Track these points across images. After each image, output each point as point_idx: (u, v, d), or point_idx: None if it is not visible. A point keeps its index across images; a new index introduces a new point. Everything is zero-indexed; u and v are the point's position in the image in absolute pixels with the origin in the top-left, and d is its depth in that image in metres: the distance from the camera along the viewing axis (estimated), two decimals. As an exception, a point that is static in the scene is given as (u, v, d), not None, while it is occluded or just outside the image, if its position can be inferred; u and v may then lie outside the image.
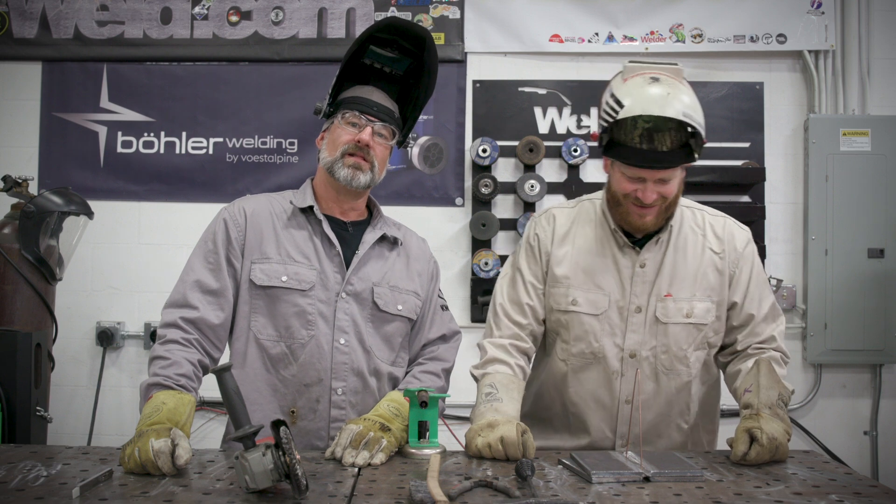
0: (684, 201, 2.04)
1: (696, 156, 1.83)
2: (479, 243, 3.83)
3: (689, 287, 1.97)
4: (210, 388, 1.89)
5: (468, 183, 3.90)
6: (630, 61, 1.92)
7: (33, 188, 3.55)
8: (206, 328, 1.88)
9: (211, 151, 3.96)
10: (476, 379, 1.98)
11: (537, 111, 3.92)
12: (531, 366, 2.15)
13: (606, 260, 1.99)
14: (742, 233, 2.04)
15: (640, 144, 1.80)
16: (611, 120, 1.83)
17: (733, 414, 2.15)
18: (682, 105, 1.77)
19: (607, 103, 1.85)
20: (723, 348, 2.05)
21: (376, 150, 1.94)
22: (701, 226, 2.03)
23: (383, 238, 2.02)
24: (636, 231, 1.96)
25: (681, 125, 1.78)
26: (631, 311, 1.96)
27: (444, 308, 2.13)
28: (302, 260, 1.92)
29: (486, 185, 3.78)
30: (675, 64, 1.88)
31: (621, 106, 1.80)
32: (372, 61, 2.00)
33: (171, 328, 1.85)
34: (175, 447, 1.53)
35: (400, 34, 1.97)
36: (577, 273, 2.00)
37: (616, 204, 1.93)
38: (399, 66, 2.03)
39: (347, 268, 1.94)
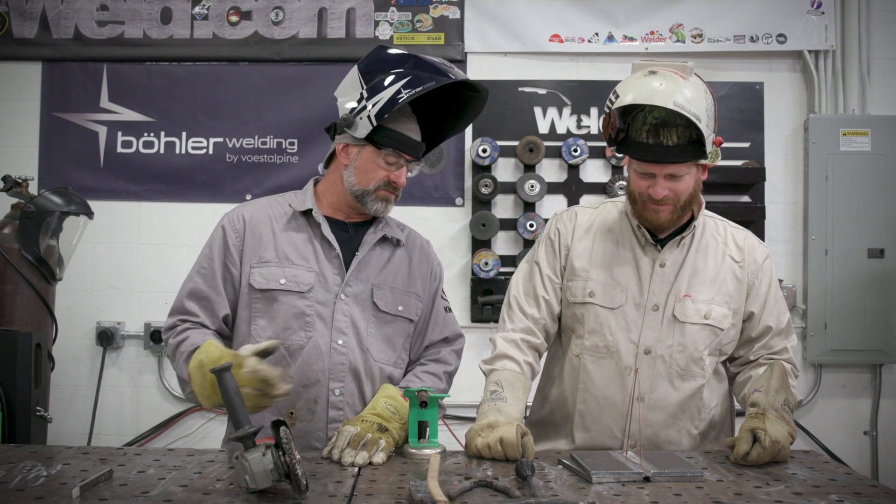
0: (706, 212, 2.06)
1: (707, 152, 1.84)
2: (479, 243, 3.83)
3: (707, 290, 1.98)
4: (210, 388, 1.90)
5: (468, 183, 3.90)
6: (641, 60, 1.93)
7: (33, 188, 3.54)
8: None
9: (211, 151, 3.95)
10: (484, 374, 1.99)
11: (537, 111, 3.92)
12: (546, 370, 2.16)
13: (626, 256, 2.00)
14: (762, 248, 2.06)
15: (647, 139, 1.84)
16: (606, 111, 1.87)
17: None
18: (680, 97, 1.77)
19: (608, 97, 1.88)
20: (734, 359, 2.06)
21: (403, 181, 1.96)
22: (722, 235, 2.05)
23: (384, 239, 2.02)
24: (654, 228, 1.97)
25: (689, 122, 1.79)
26: (648, 309, 1.97)
27: (448, 310, 2.13)
28: (300, 262, 1.93)
29: (486, 185, 3.78)
30: (686, 62, 1.89)
31: (617, 97, 1.83)
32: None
33: (175, 326, 1.91)
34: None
35: (463, 82, 1.93)
36: (596, 266, 2.01)
37: (633, 201, 1.96)
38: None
39: (347, 269, 1.95)
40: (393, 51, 1.93)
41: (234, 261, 1.94)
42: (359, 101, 1.86)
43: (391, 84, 1.83)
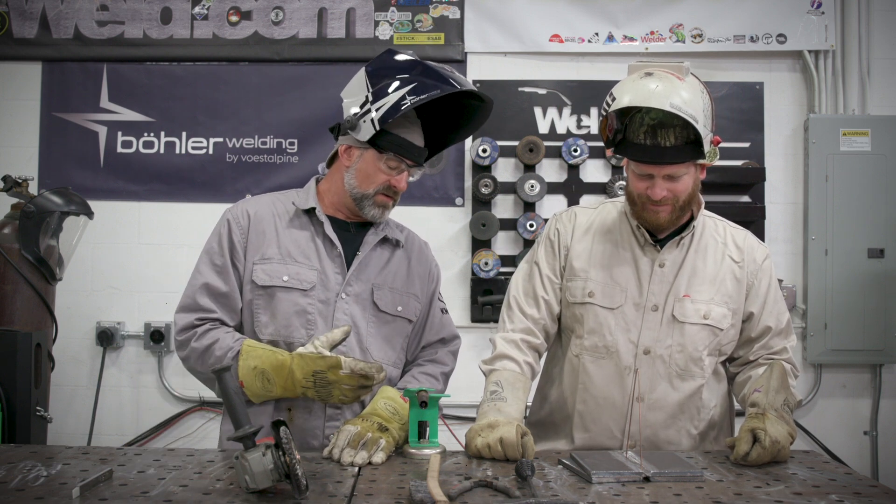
0: (706, 212, 2.06)
1: (704, 151, 1.84)
2: (479, 243, 3.83)
3: (707, 290, 1.98)
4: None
5: (468, 183, 3.90)
6: (637, 61, 1.93)
7: (33, 188, 3.54)
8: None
9: (211, 151, 3.95)
10: (484, 374, 1.99)
11: (537, 111, 3.92)
12: (546, 371, 2.15)
13: (626, 256, 2.00)
14: (762, 248, 2.06)
15: (644, 141, 1.84)
16: (603, 114, 1.88)
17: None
18: (677, 99, 1.78)
19: (605, 100, 1.88)
20: (733, 359, 2.06)
21: (403, 186, 1.96)
22: (722, 235, 2.05)
23: (385, 240, 2.03)
24: (654, 229, 1.97)
25: (687, 123, 1.79)
26: (647, 309, 1.97)
27: (444, 311, 2.14)
28: (303, 260, 1.93)
29: (486, 185, 3.78)
30: (682, 62, 1.89)
31: (614, 100, 1.84)
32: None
33: (193, 328, 1.89)
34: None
35: (468, 92, 1.94)
36: (596, 267, 2.01)
37: (632, 202, 1.96)
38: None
39: (348, 268, 1.95)
40: (401, 56, 1.93)
41: (238, 257, 1.94)
42: (363, 105, 1.86)
43: (396, 89, 1.83)
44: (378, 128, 1.84)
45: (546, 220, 3.66)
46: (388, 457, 1.70)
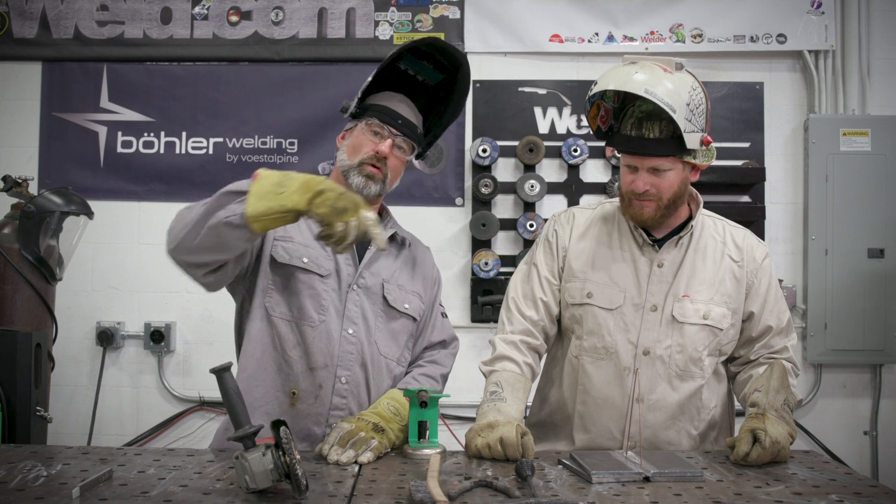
0: (705, 211, 2.06)
1: (688, 146, 1.83)
2: (479, 243, 3.83)
3: (706, 290, 1.97)
4: (210, 388, 1.90)
5: (468, 183, 3.90)
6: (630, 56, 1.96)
7: (33, 188, 3.55)
8: None
9: (211, 151, 3.96)
10: (484, 375, 1.99)
11: (537, 111, 3.92)
12: (546, 372, 2.16)
13: (624, 257, 2.00)
14: (761, 246, 2.05)
15: (630, 132, 1.87)
16: (587, 103, 1.93)
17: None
18: (657, 88, 1.78)
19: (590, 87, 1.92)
20: (734, 359, 2.05)
21: (392, 161, 1.97)
22: (721, 234, 2.04)
23: (392, 238, 2.06)
24: (641, 226, 1.97)
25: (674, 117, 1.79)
26: (646, 310, 1.96)
27: (444, 315, 2.18)
28: (320, 249, 1.95)
29: (486, 185, 3.78)
30: (674, 60, 1.90)
31: (596, 85, 1.87)
32: (406, 67, 2.03)
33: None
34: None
35: (439, 52, 2.02)
36: (594, 268, 2.01)
37: (621, 198, 1.97)
38: (431, 77, 2.07)
39: (360, 262, 1.98)
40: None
41: None
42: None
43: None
44: (359, 95, 1.94)
45: (546, 220, 3.66)
46: (378, 457, 1.71)
